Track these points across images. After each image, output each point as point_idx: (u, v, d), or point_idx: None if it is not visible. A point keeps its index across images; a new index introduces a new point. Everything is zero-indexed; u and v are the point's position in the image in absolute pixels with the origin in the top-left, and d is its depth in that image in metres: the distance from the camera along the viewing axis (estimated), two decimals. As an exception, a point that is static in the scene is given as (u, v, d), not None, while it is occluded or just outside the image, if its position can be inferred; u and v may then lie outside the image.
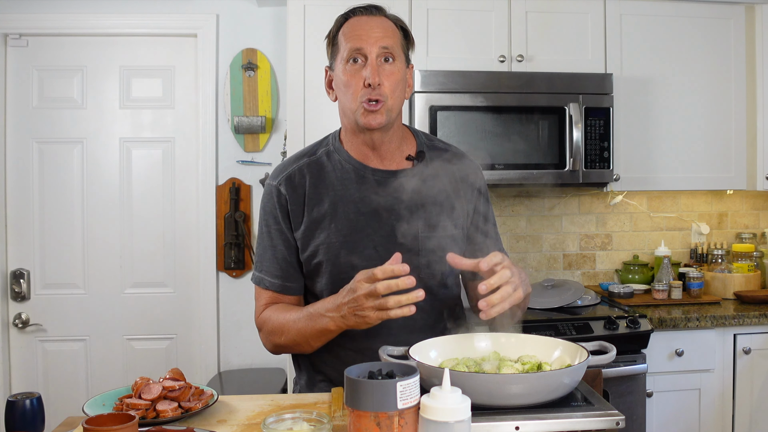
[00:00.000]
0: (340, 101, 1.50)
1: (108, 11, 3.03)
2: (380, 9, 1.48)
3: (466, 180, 1.55)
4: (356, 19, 1.46)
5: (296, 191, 1.50)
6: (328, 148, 1.55)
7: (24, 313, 3.04)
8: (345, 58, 1.43)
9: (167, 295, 3.13)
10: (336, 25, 1.49)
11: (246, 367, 3.12)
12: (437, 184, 1.51)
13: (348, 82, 1.43)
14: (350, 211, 1.47)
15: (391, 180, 1.49)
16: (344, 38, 1.45)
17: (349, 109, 1.46)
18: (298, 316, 1.43)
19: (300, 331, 1.42)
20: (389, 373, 1.03)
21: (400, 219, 1.46)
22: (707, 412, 2.68)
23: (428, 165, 1.52)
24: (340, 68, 1.45)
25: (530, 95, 2.74)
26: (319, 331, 1.38)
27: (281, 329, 1.46)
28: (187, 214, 3.12)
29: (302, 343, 1.44)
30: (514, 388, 1.07)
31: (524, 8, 2.82)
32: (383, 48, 1.42)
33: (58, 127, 3.06)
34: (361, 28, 1.43)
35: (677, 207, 3.32)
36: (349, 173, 1.50)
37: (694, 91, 2.96)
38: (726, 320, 2.65)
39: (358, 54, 1.42)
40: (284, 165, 1.55)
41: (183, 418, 1.22)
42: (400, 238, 1.45)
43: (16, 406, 1.24)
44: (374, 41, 1.42)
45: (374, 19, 1.46)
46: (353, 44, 1.42)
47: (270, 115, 3.09)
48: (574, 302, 2.78)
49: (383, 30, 1.44)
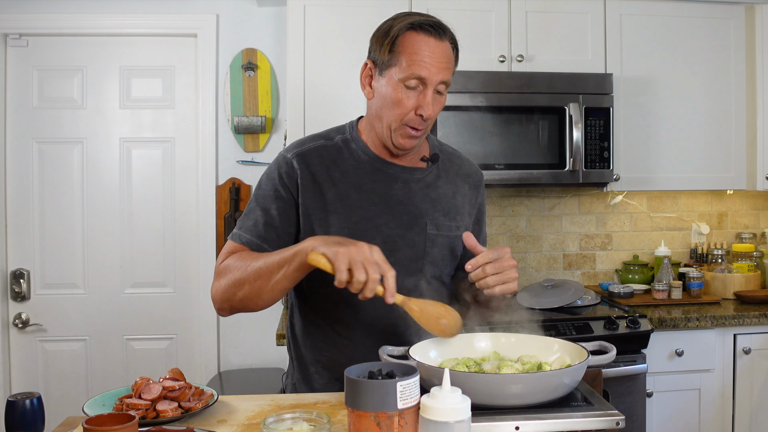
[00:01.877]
0: (377, 107, 1.48)
1: (108, 11, 3.03)
2: (446, 31, 1.45)
3: (472, 186, 1.61)
4: (424, 40, 1.41)
5: (309, 169, 1.48)
6: (345, 137, 1.55)
7: (24, 313, 3.04)
8: (402, 78, 1.41)
9: (167, 295, 3.13)
10: (398, 27, 1.44)
11: (246, 367, 3.12)
12: (447, 186, 1.55)
13: (399, 101, 1.42)
14: (363, 200, 1.48)
15: (406, 177, 1.52)
16: (407, 55, 1.41)
17: (387, 124, 1.46)
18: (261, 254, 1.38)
19: (263, 265, 1.33)
20: (389, 373, 1.03)
21: (411, 215, 1.49)
22: (707, 412, 2.68)
23: (440, 167, 1.57)
24: (392, 81, 1.43)
25: (530, 95, 2.74)
26: (285, 258, 1.29)
27: (238, 267, 1.37)
28: (187, 214, 3.12)
29: (258, 281, 1.33)
30: (514, 388, 1.07)
31: (524, 8, 2.82)
32: (442, 82, 1.43)
33: (58, 127, 3.06)
34: (427, 55, 1.40)
35: (677, 207, 3.32)
36: (365, 164, 1.51)
37: (694, 91, 2.96)
38: (726, 320, 2.65)
39: (419, 82, 1.41)
40: (300, 142, 1.55)
41: (183, 418, 1.22)
42: (410, 234, 1.48)
43: (16, 406, 1.23)
44: (437, 73, 1.41)
45: (440, 44, 1.42)
46: (417, 71, 1.40)
47: (270, 115, 3.09)
48: (574, 302, 2.78)
49: (447, 60, 1.43)
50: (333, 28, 2.73)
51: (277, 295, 1.35)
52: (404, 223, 1.48)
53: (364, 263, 1.18)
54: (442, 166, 1.57)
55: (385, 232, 1.47)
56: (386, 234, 1.47)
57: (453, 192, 1.56)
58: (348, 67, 2.73)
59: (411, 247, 1.48)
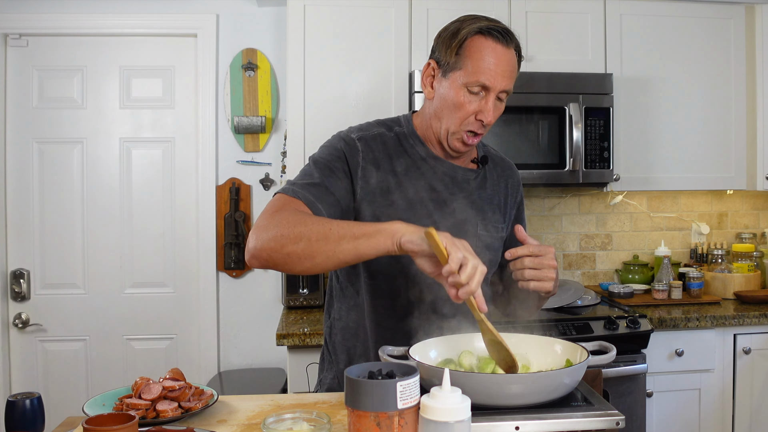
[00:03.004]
0: (436, 107, 1.49)
1: (108, 11, 3.03)
2: (513, 38, 1.45)
3: (513, 185, 1.66)
4: (491, 46, 1.42)
5: (371, 151, 1.49)
6: (403, 130, 1.55)
7: (24, 313, 3.04)
8: (466, 82, 1.42)
9: (167, 295, 3.13)
10: (467, 31, 1.43)
11: (246, 367, 3.12)
12: (493, 188, 1.59)
13: (461, 105, 1.44)
14: (420, 190, 1.49)
15: (459, 177, 1.54)
16: (473, 60, 1.41)
17: (446, 127, 1.47)
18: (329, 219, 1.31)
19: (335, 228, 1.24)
20: (389, 373, 1.03)
21: (464, 215, 1.51)
22: (707, 412, 2.68)
23: (490, 170, 1.60)
24: (455, 84, 1.44)
25: (530, 95, 2.74)
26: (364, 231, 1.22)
27: (300, 222, 1.27)
28: (187, 214, 3.13)
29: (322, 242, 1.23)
30: (514, 388, 1.07)
31: (524, 8, 2.82)
32: (504, 91, 1.44)
33: (58, 127, 3.06)
34: (493, 62, 1.41)
35: (677, 207, 3.33)
36: (421, 161, 1.52)
37: (694, 92, 2.96)
38: (726, 320, 2.65)
39: (482, 88, 1.42)
40: (361, 127, 1.55)
41: (183, 418, 1.22)
42: (463, 234, 1.45)
43: (16, 406, 1.24)
44: (501, 82, 1.42)
45: (507, 52, 1.43)
46: (481, 78, 1.40)
47: (270, 115, 3.09)
48: (574, 302, 2.78)
49: (511, 69, 1.43)
50: (333, 28, 2.73)
51: (334, 264, 1.24)
52: (458, 222, 1.49)
53: (476, 265, 1.14)
54: (487, 168, 1.60)
55: (441, 230, 1.43)
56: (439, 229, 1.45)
57: (498, 194, 1.60)
58: (348, 67, 2.73)
59: None
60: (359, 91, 2.74)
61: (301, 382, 2.45)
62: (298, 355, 2.46)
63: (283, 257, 1.26)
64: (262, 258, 1.29)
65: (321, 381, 1.62)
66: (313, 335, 2.42)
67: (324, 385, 1.60)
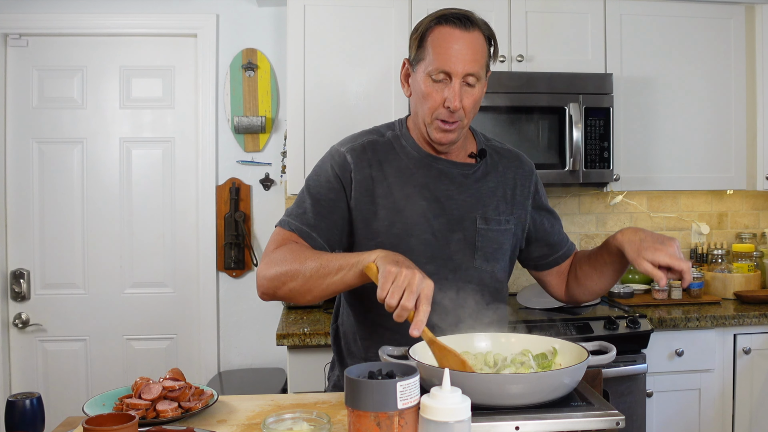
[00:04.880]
0: (413, 103, 1.52)
1: (108, 11, 3.03)
2: (472, 21, 1.44)
3: (524, 179, 1.63)
4: (448, 32, 1.42)
5: (361, 163, 1.51)
6: (396, 133, 1.57)
7: (24, 313, 3.04)
8: (428, 72, 1.43)
9: (167, 295, 3.13)
10: (425, 24, 1.46)
11: (246, 367, 3.12)
12: (497, 181, 1.58)
13: (428, 95, 1.44)
14: (414, 195, 1.50)
15: (455, 172, 1.54)
16: (432, 50, 1.43)
17: (422, 119, 1.49)
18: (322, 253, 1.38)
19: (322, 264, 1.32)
20: (389, 373, 1.03)
21: (461, 210, 1.52)
22: (707, 412, 2.68)
23: (489, 163, 1.59)
24: (421, 76, 1.45)
25: (530, 95, 2.74)
26: (346, 264, 1.29)
27: (294, 259, 1.36)
28: (187, 214, 3.12)
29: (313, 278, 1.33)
30: (514, 388, 1.07)
31: (524, 8, 2.82)
32: (469, 74, 1.42)
33: (58, 127, 3.06)
34: (451, 47, 1.41)
35: (677, 207, 3.33)
36: (414, 160, 1.53)
37: (694, 91, 2.96)
38: (726, 320, 2.65)
39: (444, 75, 1.42)
40: (353, 137, 1.58)
41: (183, 418, 1.22)
42: (459, 229, 1.51)
43: (16, 406, 1.24)
44: (462, 66, 1.41)
45: (466, 36, 1.41)
46: (440, 65, 1.41)
47: (270, 115, 3.09)
48: (574, 302, 2.78)
49: (473, 52, 1.42)
50: (333, 28, 2.73)
51: (328, 295, 1.35)
52: (454, 218, 1.51)
53: (405, 289, 1.17)
54: (490, 161, 1.59)
55: (435, 227, 1.50)
56: (436, 228, 1.50)
57: (503, 186, 1.58)
58: (348, 67, 2.73)
59: (461, 242, 1.51)
60: (359, 91, 2.74)
61: (301, 382, 2.45)
62: (298, 355, 2.46)
63: (286, 293, 1.39)
64: (269, 295, 1.42)
65: (329, 378, 1.69)
66: (313, 335, 2.42)
67: (331, 382, 1.66)
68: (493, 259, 1.55)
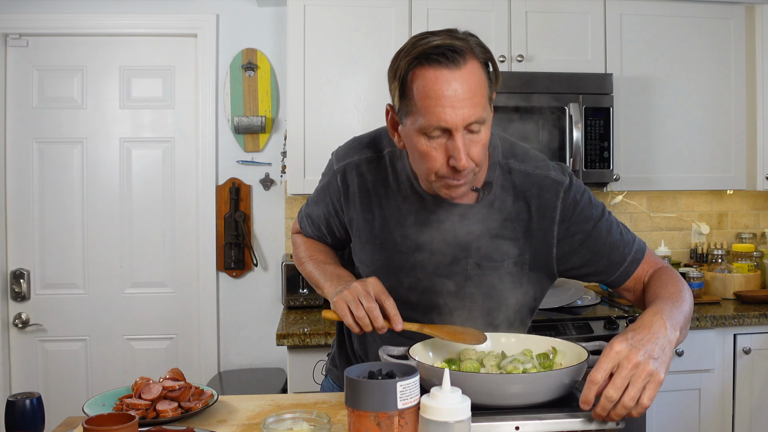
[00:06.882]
0: (410, 158, 1.31)
1: (108, 11, 3.03)
2: (460, 51, 1.16)
3: (545, 206, 1.34)
4: (433, 75, 1.15)
5: (350, 189, 1.42)
6: (394, 152, 1.39)
7: (24, 313, 3.04)
8: (421, 128, 1.18)
9: (167, 295, 3.13)
10: (404, 68, 1.20)
11: (246, 367, 3.12)
12: (501, 219, 1.34)
13: (425, 154, 1.20)
14: (402, 233, 1.37)
15: (451, 213, 1.34)
16: (420, 102, 1.17)
17: (424, 178, 1.28)
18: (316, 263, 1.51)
19: (310, 272, 1.50)
20: (389, 373, 1.03)
21: (453, 254, 1.35)
22: (707, 412, 2.68)
23: (495, 197, 1.34)
24: (413, 132, 1.20)
25: (530, 95, 2.73)
26: (320, 284, 1.44)
27: (299, 255, 1.58)
28: (187, 214, 3.12)
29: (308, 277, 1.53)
30: (514, 388, 1.07)
31: (524, 8, 2.82)
32: (474, 122, 1.18)
33: (58, 127, 3.06)
34: (442, 96, 1.14)
35: (677, 207, 3.32)
36: (408, 193, 1.37)
37: (694, 91, 2.96)
38: (726, 320, 2.65)
39: (440, 132, 1.18)
40: (348, 150, 1.44)
41: (183, 418, 1.22)
42: (448, 275, 1.36)
43: (16, 406, 1.24)
44: (461, 116, 1.15)
45: (456, 75, 1.15)
46: (433, 121, 1.16)
47: (270, 115, 3.09)
48: (574, 302, 2.78)
49: (470, 94, 1.16)
50: (333, 28, 2.73)
51: None
52: (444, 263, 1.36)
53: (358, 298, 1.20)
54: (499, 193, 1.34)
55: (420, 273, 1.38)
56: (421, 275, 1.39)
57: (514, 219, 1.34)
58: (348, 67, 2.73)
59: (449, 289, 1.37)
60: (359, 91, 2.74)
61: (301, 382, 2.45)
62: (298, 355, 2.46)
63: None
64: None
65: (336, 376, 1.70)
66: (313, 335, 2.42)
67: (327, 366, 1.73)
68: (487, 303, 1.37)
